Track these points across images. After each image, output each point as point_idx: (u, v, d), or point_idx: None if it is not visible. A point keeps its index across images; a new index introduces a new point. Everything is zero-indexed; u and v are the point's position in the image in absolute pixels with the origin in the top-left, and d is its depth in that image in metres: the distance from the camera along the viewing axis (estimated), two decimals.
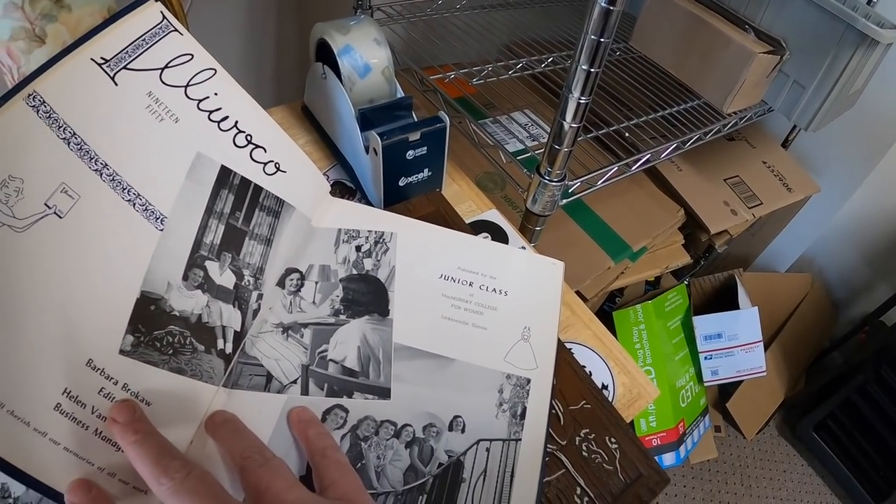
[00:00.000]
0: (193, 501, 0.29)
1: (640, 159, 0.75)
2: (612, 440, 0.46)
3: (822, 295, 1.57)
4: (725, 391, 1.48)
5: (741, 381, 1.41)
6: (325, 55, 0.61)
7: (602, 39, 0.50)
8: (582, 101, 0.54)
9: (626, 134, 0.81)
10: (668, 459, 1.29)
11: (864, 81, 0.93)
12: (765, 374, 1.34)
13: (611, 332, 0.57)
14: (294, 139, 0.68)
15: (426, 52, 0.82)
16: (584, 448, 0.45)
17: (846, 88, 0.85)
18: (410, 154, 0.56)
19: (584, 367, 0.50)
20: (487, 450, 0.41)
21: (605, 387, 0.53)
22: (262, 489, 0.31)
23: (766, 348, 1.38)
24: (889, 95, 1.13)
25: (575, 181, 0.67)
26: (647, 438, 1.26)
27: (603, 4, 0.47)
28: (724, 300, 1.37)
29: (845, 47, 0.79)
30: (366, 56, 0.59)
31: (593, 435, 0.45)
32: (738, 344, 1.33)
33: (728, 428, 1.53)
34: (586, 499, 0.42)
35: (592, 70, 0.52)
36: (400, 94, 0.62)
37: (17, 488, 0.42)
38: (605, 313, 1.20)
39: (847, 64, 0.80)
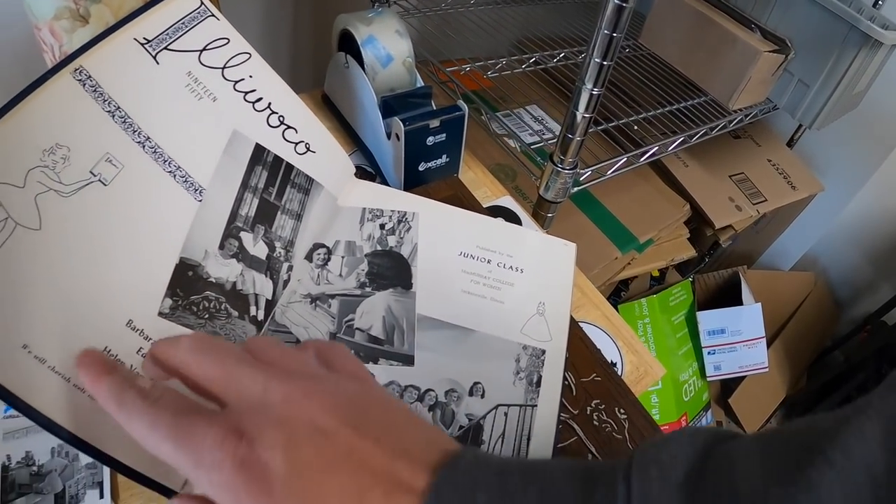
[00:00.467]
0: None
1: (647, 151, 0.77)
2: (622, 411, 0.48)
3: (825, 294, 1.59)
4: (728, 387, 1.50)
5: (743, 378, 1.42)
6: (348, 45, 0.63)
7: (615, 34, 0.52)
8: (594, 93, 0.57)
9: (636, 127, 0.83)
10: None
11: (868, 82, 0.94)
12: (767, 370, 1.36)
13: None
14: None
15: (442, 45, 0.85)
16: (595, 417, 0.47)
17: (850, 88, 0.87)
18: (430, 140, 0.59)
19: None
20: (505, 414, 0.43)
21: (613, 364, 0.55)
22: (247, 348, 0.28)
23: (768, 345, 1.39)
24: (894, 97, 1.15)
25: (586, 170, 0.69)
26: None
27: (616, 1, 0.50)
28: (727, 297, 1.39)
29: (848, 47, 0.81)
30: (388, 46, 0.61)
31: (604, 406, 0.48)
32: (740, 339, 1.34)
33: (730, 424, 1.54)
34: None
35: (605, 63, 0.54)
36: (420, 83, 0.64)
37: (41, 456, 0.45)
38: None
39: (850, 64, 0.82)
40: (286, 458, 0.23)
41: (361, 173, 0.66)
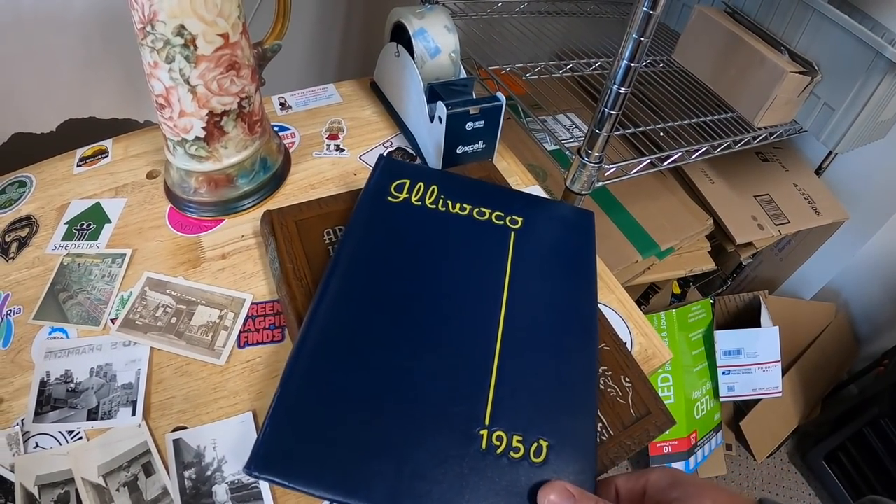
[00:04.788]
0: None
1: (671, 156, 0.81)
2: (627, 380, 0.52)
3: (845, 327, 1.59)
4: (741, 412, 1.51)
5: (756, 403, 1.44)
6: (400, 36, 0.69)
7: (642, 39, 0.57)
8: (622, 92, 0.61)
9: (661, 134, 0.87)
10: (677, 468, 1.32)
11: (895, 112, 0.97)
12: (780, 394, 1.37)
13: None
14: (362, 109, 0.78)
15: (486, 48, 0.90)
16: (602, 382, 0.51)
17: (875, 115, 0.90)
18: (469, 125, 0.64)
19: None
20: None
21: (623, 343, 0.59)
22: None
23: (784, 372, 1.40)
24: None
25: (611, 166, 0.74)
26: (658, 445, 1.29)
27: (644, 9, 0.55)
28: (747, 322, 1.40)
29: (874, 74, 0.84)
30: (437, 39, 0.67)
31: (610, 372, 0.52)
32: (756, 362, 1.36)
33: (739, 448, 1.55)
34: (600, 424, 0.48)
35: (632, 65, 0.59)
36: (463, 75, 0.70)
37: (80, 375, 0.50)
38: None
39: (875, 90, 0.84)
40: None
41: (403, 154, 0.72)
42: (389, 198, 0.56)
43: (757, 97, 0.90)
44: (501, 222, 0.55)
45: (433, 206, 0.55)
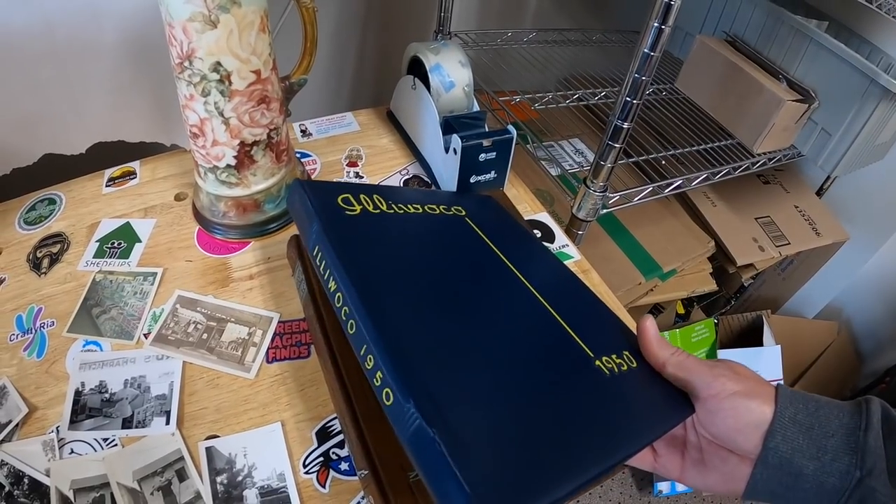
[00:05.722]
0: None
1: (672, 183, 0.84)
2: None
3: (847, 344, 1.60)
4: None
5: None
6: (417, 70, 0.74)
7: (643, 78, 0.61)
8: (624, 126, 0.65)
9: (663, 162, 0.91)
10: (680, 485, 1.34)
11: (892, 134, 1.00)
12: None
13: None
14: (380, 138, 0.82)
15: (495, 76, 0.95)
16: None
17: (871, 139, 0.93)
18: (482, 157, 0.68)
19: None
20: None
21: None
22: None
23: None
24: None
25: (615, 195, 0.77)
26: None
27: (645, 50, 0.59)
28: (750, 341, 1.42)
29: (869, 100, 0.87)
30: (452, 74, 0.71)
31: None
32: None
33: None
34: None
35: (634, 101, 0.63)
36: (476, 108, 0.74)
37: (114, 386, 0.52)
38: None
39: (870, 115, 0.88)
40: None
41: (419, 181, 0.76)
42: (347, 212, 0.50)
43: (756, 124, 0.93)
44: (451, 213, 0.58)
45: (392, 211, 0.53)
